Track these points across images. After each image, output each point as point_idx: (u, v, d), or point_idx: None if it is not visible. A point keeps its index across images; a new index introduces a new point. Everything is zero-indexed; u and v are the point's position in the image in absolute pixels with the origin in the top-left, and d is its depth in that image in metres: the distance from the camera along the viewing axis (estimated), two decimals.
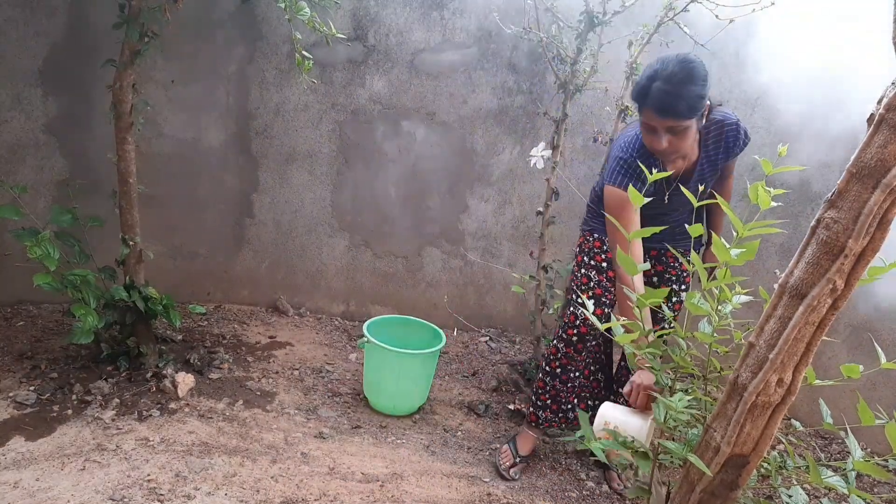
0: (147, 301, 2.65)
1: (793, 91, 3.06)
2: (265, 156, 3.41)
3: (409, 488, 2.20)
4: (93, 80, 2.98)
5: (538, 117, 3.29)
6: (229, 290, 3.59)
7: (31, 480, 1.96)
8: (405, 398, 2.74)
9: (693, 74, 1.83)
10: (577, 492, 2.36)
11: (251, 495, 2.00)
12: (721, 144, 2.04)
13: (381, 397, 2.75)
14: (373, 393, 2.78)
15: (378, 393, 2.76)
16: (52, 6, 2.93)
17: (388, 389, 2.71)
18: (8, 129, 3.02)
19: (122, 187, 2.62)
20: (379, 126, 3.40)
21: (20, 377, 2.56)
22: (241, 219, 3.49)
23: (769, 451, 1.41)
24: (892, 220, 1.15)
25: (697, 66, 1.87)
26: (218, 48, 3.20)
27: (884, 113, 1.11)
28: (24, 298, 3.22)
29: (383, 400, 2.75)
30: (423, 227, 3.57)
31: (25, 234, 2.49)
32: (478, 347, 3.54)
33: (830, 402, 1.58)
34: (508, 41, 3.26)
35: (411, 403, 2.77)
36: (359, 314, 3.68)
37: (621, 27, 2.94)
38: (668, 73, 1.83)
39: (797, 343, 1.23)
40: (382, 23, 3.25)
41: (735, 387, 1.32)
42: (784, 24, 2.90)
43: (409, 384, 2.71)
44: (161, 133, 3.24)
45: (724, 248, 1.32)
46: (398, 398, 2.73)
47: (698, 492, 1.38)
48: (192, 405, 2.53)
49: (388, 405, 2.75)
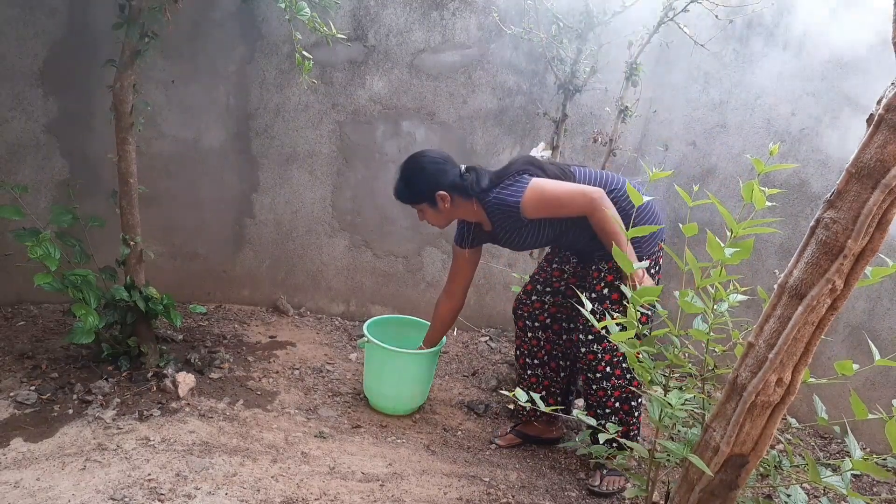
0: (148, 301, 2.66)
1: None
2: (265, 156, 3.41)
3: (409, 488, 2.21)
4: (93, 80, 2.99)
5: (538, 117, 3.30)
6: (230, 290, 3.59)
7: (32, 480, 1.96)
8: (406, 398, 2.73)
9: (402, 174, 2.41)
10: (576, 492, 2.37)
11: (252, 495, 2.01)
12: (498, 215, 2.32)
13: (382, 397, 2.74)
14: (373, 393, 2.77)
15: (378, 393, 2.75)
16: (52, 6, 2.94)
17: (388, 389, 2.71)
18: (8, 129, 3.02)
19: (123, 187, 2.62)
20: (379, 126, 3.40)
21: (21, 377, 2.56)
22: (242, 219, 3.49)
23: (769, 450, 1.41)
24: (891, 220, 1.15)
25: (409, 166, 2.40)
26: (218, 48, 3.20)
27: (883, 113, 1.11)
28: (25, 298, 3.22)
29: (383, 400, 2.74)
30: (423, 226, 3.57)
31: (26, 234, 2.49)
32: (478, 347, 3.54)
33: (830, 402, 1.59)
34: (508, 41, 3.26)
35: (412, 403, 2.77)
36: (359, 314, 3.68)
37: (621, 27, 2.94)
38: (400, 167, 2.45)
39: (796, 343, 1.23)
40: (382, 23, 3.25)
41: (734, 386, 1.32)
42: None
43: (409, 384, 2.70)
44: (161, 133, 3.24)
45: (718, 247, 1.32)
46: (399, 398, 2.72)
47: (698, 491, 1.38)
48: (193, 405, 2.53)
49: (389, 405, 2.74)
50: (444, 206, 2.36)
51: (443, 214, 2.41)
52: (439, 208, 2.37)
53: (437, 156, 2.41)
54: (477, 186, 2.32)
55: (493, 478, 2.37)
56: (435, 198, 2.35)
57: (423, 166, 2.37)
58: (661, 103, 3.24)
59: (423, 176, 2.35)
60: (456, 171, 2.36)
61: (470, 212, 2.40)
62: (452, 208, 2.38)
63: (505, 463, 2.49)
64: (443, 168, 2.35)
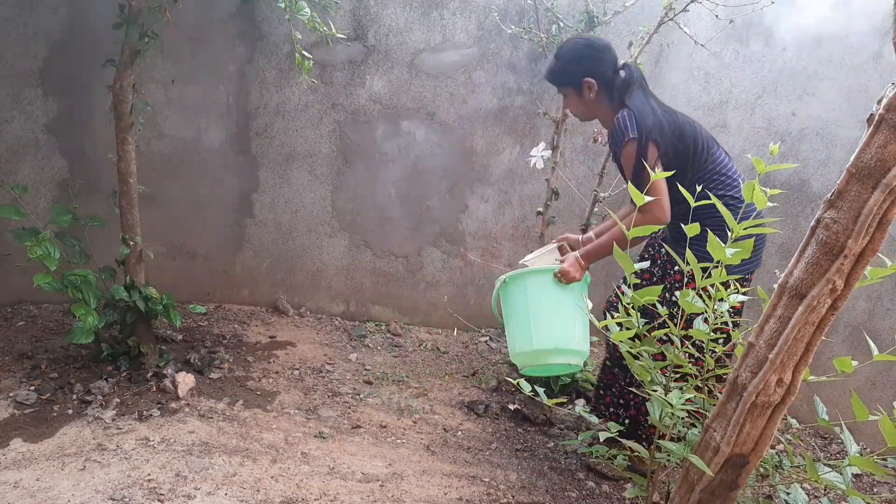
0: (147, 301, 2.66)
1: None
2: (265, 156, 3.41)
3: (409, 488, 2.21)
4: (93, 80, 2.99)
5: (538, 117, 3.30)
6: (229, 290, 3.59)
7: (32, 480, 1.96)
8: (567, 331, 2.19)
9: (557, 51, 2.28)
10: (577, 492, 2.37)
11: (251, 495, 2.01)
12: (611, 133, 2.21)
13: (540, 336, 2.18)
14: (526, 340, 2.21)
15: (535, 335, 2.19)
16: (52, 6, 2.94)
17: (545, 326, 2.18)
18: (8, 129, 3.02)
19: (123, 187, 2.62)
20: (379, 126, 3.40)
21: (20, 377, 2.56)
22: (242, 219, 3.49)
23: (769, 450, 1.41)
24: (891, 220, 1.15)
25: (566, 44, 2.27)
26: (218, 48, 3.20)
27: (884, 113, 1.11)
28: (25, 298, 3.22)
29: (542, 338, 2.17)
30: (423, 227, 3.57)
31: (26, 234, 2.49)
32: (478, 347, 3.54)
33: (830, 402, 1.59)
34: (508, 41, 3.26)
35: (577, 339, 2.19)
36: (359, 314, 3.68)
37: (621, 27, 2.94)
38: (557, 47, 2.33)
39: (797, 343, 1.23)
40: (382, 23, 3.25)
41: (735, 387, 1.32)
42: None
43: (568, 312, 2.19)
44: (161, 133, 3.24)
45: (719, 247, 1.32)
46: (560, 332, 2.19)
47: (698, 491, 1.38)
48: (193, 405, 2.53)
49: (550, 345, 2.17)
50: (588, 96, 2.22)
51: (585, 104, 2.26)
52: (584, 97, 2.23)
53: (597, 41, 2.26)
54: (623, 91, 2.18)
55: (493, 478, 2.36)
56: (582, 83, 2.21)
57: (580, 48, 2.23)
58: None
59: (577, 58, 2.21)
60: (612, 64, 2.21)
61: (606, 114, 2.24)
62: (597, 102, 2.23)
63: (505, 463, 2.49)
64: (599, 56, 2.20)
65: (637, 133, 2.09)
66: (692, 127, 2.19)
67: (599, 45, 2.23)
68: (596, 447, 2.41)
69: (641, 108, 2.13)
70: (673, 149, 2.13)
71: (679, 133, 2.14)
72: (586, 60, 2.20)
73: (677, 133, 2.14)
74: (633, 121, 2.10)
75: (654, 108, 2.16)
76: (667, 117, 2.16)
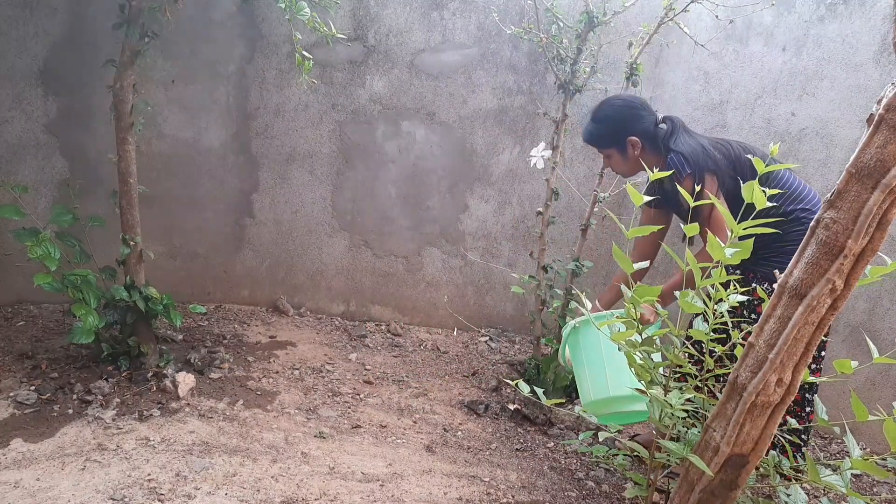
0: (147, 301, 2.66)
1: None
2: (265, 156, 3.41)
3: (409, 488, 2.21)
4: (93, 80, 2.99)
5: (538, 117, 3.30)
6: (229, 290, 3.59)
7: (32, 480, 1.96)
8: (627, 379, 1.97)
9: (594, 114, 2.33)
10: (576, 492, 2.37)
11: (251, 495, 2.01)
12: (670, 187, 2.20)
13: (614, 382, 2.11)
14: (601, 387, 2.15)
15: (610, 381, 2.12)
16: (53, 6, 2.94)
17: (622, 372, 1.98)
18: (8, 129, 3.03)
19: (123, 187, 2.62)
20: (379, 126, 3.40)
21: (21, 377, 2.56)
22: (242, 219, 3.49)
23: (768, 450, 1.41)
24: (891, 220, 1.15)
25: (602, 106, 2.32)
26: (218, 48, 3.20)
27: (883, 113, 1.11)
28: (25, 298, 3.22)
29: (617, 385, 2.09)
30: (423, 227, 3.57)
31: (26, 234, 2.49)
32: (478, 347, 3.54)
33: (830, 402, 1.59)
34: (508, 41, 3.26)
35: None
36: (359, 314, 3.68)
37: (621, 27, 2.94)
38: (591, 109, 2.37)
39: (797, 343, 1.23)
40: (382, 23, 3.25)
41: (734, 386, 1.32)
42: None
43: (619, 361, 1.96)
44: (161, 133, 3.24)
45: (719, 247, 1.32)
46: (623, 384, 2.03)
47: (698, 491, 1.38)
48: (193, 405, 2.53)
49: (626, 391, 2.00)
50: (633, 154, 2.26)
51: (630, 162, 2.30)
52: (628, 155, 2.27)
53: (633, 100, 2.31)
54: (668, 139, 2.21)
55: (493, 478, 2.37)
56: (626, 143, 2.25)
57: (618, 109, 2.28)
58: (660, 103, 3.24)
59: (617, 119, 2.26)
60: (652, 118, 2.26)
61: (656, 165, 2.21)
62: (643, 156, 2.26)
63: (505, 463, 2.49)
64: (638, 113, 2.25)
65: (691, 169, 2.10)
66: (748, 151, 2.17)
67: (637, 104, 2.27)
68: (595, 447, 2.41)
69: (690, 146, 2.15)
70: (731, 180, 2.11)
71: (736, 162, 2.14)
72: (627, 120, 2.24)
73: (733, 162, 2.14)
74: (684, 158, 2.12)
75: (704, 145, 2.17)
76: (720, 149, 2.16)
